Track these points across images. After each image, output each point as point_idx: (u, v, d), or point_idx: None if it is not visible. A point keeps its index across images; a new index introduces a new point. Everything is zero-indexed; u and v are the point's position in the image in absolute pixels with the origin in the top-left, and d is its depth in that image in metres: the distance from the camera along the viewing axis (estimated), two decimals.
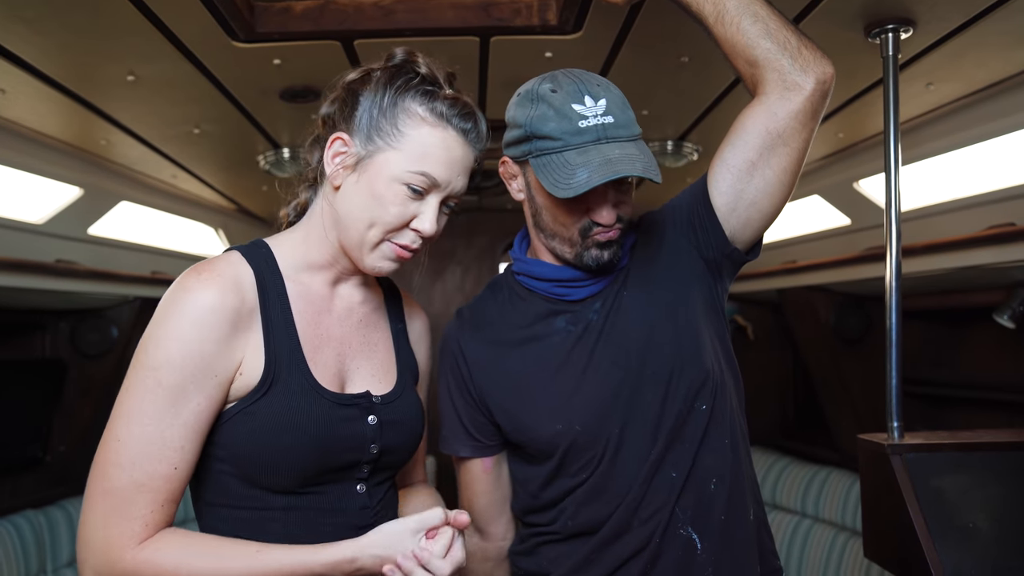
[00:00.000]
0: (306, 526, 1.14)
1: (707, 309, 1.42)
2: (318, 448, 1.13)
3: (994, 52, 1.71)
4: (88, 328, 3.03)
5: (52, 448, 3.03)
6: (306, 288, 1.22)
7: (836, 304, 3.15)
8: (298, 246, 1.23)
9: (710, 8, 1.30)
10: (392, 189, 1.14)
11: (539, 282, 1.43)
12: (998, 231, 2.00)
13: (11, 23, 1.50)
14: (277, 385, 1.12)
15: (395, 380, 1.29)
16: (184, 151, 2.54)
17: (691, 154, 2.66)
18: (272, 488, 1.12)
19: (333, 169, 1.18)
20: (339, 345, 1.23)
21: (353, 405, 1.19)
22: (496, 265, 4.50)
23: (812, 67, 1.27)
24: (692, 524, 1.32)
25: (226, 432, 1.11)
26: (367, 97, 1.17)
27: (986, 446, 1.56)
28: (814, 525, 3.18)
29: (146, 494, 1.03)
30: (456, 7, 1.65)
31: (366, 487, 1.21)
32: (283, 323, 1.15)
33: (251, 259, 1.17)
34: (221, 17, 1.52)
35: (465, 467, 1.52)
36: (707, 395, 1.34)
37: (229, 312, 1.08)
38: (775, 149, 1.30)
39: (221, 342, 1.07)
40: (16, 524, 2.62)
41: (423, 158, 1.14)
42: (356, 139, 1.17)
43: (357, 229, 1.16)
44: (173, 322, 1.06)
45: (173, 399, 1.04)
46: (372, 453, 1.20)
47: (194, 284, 1.08)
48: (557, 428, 1.36)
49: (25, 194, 2.35)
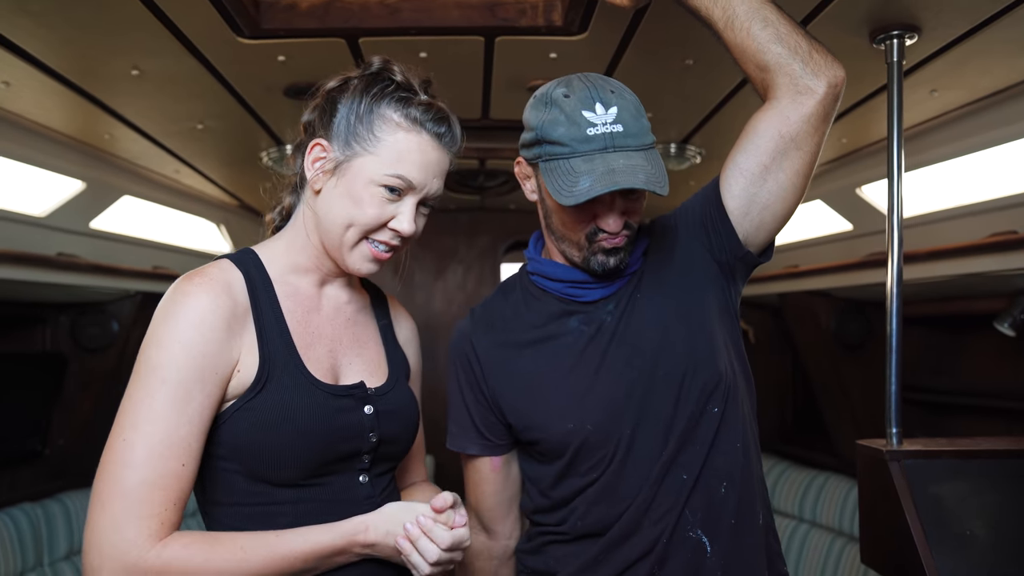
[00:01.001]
0: (313, 518, 1.17)
1: (721, 312, 1.42)
2: (318, 439, 1.16)
3: (998, 60, 1.71)
4: (89, 322, 3.03)
5: (51, 442, 3.03)
6: (294, 289, 1.26)
7: (837, 309, 3.14)
8: (284, 252, 1.28)
9: (719, 13, 1.30)
10: (369, 191, 1.19)
11: (552, 282, 1.44)
12: (1000, 239, 2.00)
13: (16, 16, 1.50)
14: (272, 381, 1.16)
15: (387, 373, 1.34)
16: (187, 146, 2.55)
17: (694, 157, 2.66)
18: (277, 482, 1.15)
19: (313, 174, 1.22)
20: (330, 342, 1.27)
21: (348, 396, 1.23)
22: (498, 264, 4.50)
23: (824, 71, 1.27)
24: (702, 527, 1.32)
25: (227, 430, 1.13)
26: (345, 104, 1.22)
27: (985, 453, 1.56)
28: (812, 530, 3.18)
29: (158, 492, 1.04)
30: (462, 6, 1.66)
31: (368, 477, 1.26)
32: (274, 322, 1.20)
33: (240, 265, 1.21)
34: (226, 13, 1.53)
35: (473, 465, 1.53)
36: (719, 398, 1.35)
37: (224, 313, 1.12)
38: (788, 153, 1.31)
39: (219, 342, 1.11)
40: (14, 517, 2.61)
41: (398, 162, 1.19)
42: (335, 144, 1.22)
43: (336, 230, 1.21)
44: (172, 325, 1.10)
45: (177, 398, 1.06)
46: (371, 442, 1.24)
47: (190, 288, 1.12)
48: (568, 427, 1.36)
49: (28, 187, 2.35)
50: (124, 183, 2.73)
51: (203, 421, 1.10)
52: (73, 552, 2.82)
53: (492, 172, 3.38)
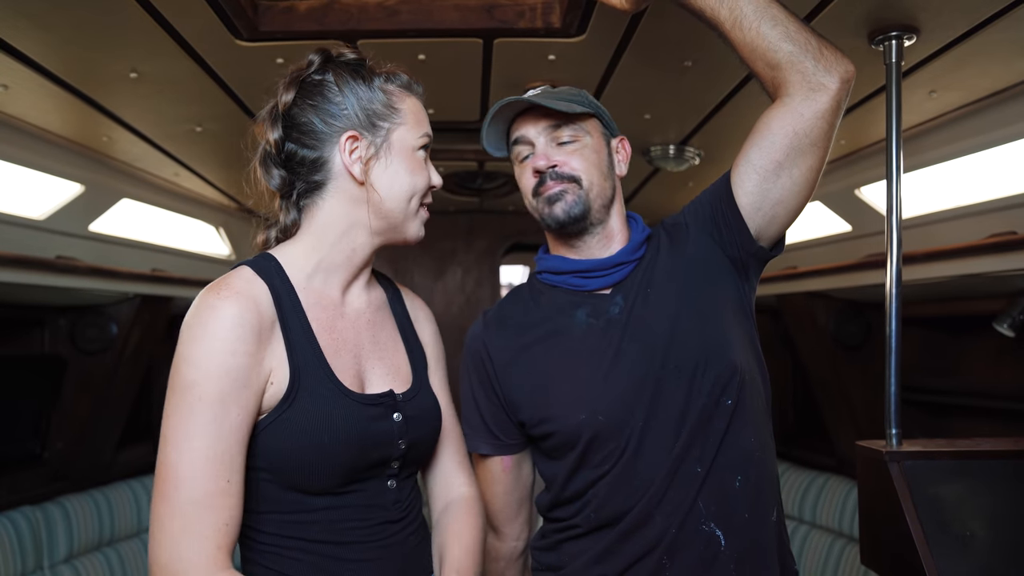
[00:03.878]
0: (344, 525, 1.19)
1: (734, 308, 1.43)
2: (352, 448, 1.18)
3: (997, 61, 1.71)
4: (87, 324, 3.02)
5: (50, 444, 3.03)
6: (318, 296, 1.26)
7: (836, 310, 3.14)
8: (309, 253, 1.27)
9: (726, 13, 1.30)
10: (416, 158, 1.29)
11: (557, 275, 1.48)
12: (999, 240, 2.00)
13: (14, 18, 1.50)
14: (305, 391, 1.16)
15: (411, 377, 1.35)
16: (186, 149, 2.54)
17: (693, 158, 2.66)
18: (312, 490, 1.17)
19: (358, 165, 1.24)
20: (354, 348, 1.28)
21: (379, 404, 1.25)
22: (497, 266, 4.50)
23: (835, 67, 1.28)
24: (715, 520, 1.33)
25: (262, 442, 1.14)
26: (342, 94, 1.24)
27: (984, 454, 1.56)
28: (812, 531, 3.18)
29: (205, 511, 1.05)
30: (460, 9, 1.66)
31: (396, 482, 1.27)
32: (302, 332, 1.20)
33: (263, 274, 1.20)
34: (225, 15, 1.52)
35: (485, 465, 1.54)
36: (733, 390, 1.35)
37: (253, 325, 1.12)
38: (803, 149, 1.32)
39: (249, 354, 1.11)
40: (13, 520, 2.61)
41: (420, 123, 1.31)
42: (362, 132, 1.25)
43: (402, 204, 1.28)
44: (201, 341, 1.09)
45: (214, 414, 1.07)
46: (401, 448, 1.26)
47: (215, 302, 1.11)
48: (580, 418, 1.37)
49: (26, 190, 2.35)
50: (123, 186, 2.73)
51: (242, 435, 1.10)
52: (72, 555, 2.82)
53: (491, 174, 3.38)
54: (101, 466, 3.20)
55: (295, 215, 1.30)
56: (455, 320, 4.29)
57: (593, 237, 1.45)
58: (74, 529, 2.83)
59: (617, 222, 1.48)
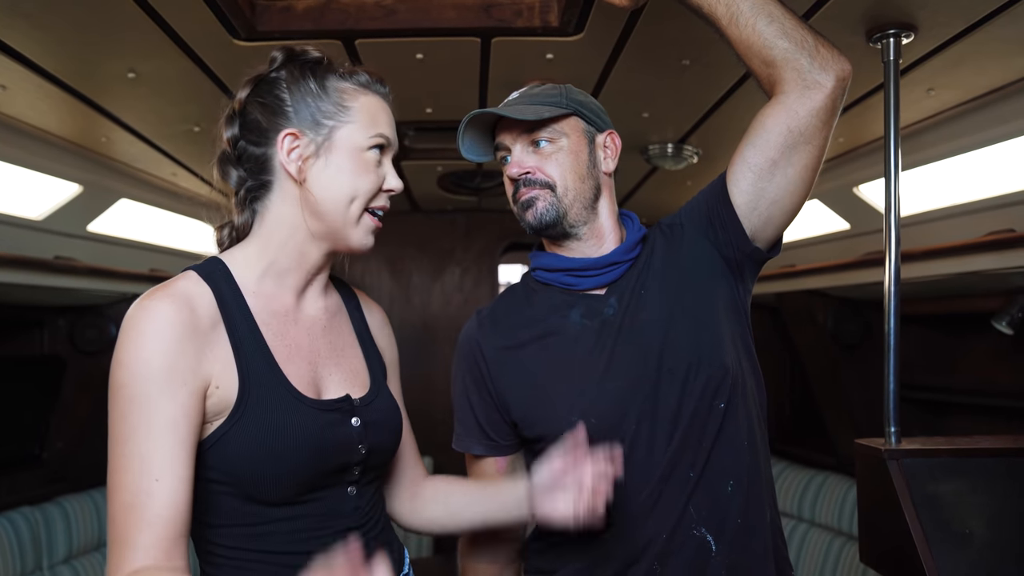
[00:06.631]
0: (305, 533, 1.16)
1: (728, 309, 1.42)
2: (310, 456, 1.14)
3: (995, 58, 1.71)
4: (86, 325, 3.03)
5: (49, 445, 3.03)
6: (268, 301, 1.22)
7: (834, 309, 3.14)
8: (258, 256, 1.24)
9: (723, 10, 1.30)
10: (361, 159, 1.21)
11: (550, 273, 1.47)
12: (997, 237, 2.00)
13: (11, 18, 1.49)
14: (257, 399, 1.12)
15: (368, 382, 1.32)
16: (184, 149, 2.54)
17: (691, 157, 2.66)
18: (271, 501, 1.13)
19: (295, 164, 1.20)
20: (309, 354, 1.24)
21: (336, 410, 1.21)
22: (495, 266, 4.50)
23: (831, 65, 1.27)
24: (707, 525, 1.32)
25: (216, 453, 1.11)
26: (290, 92, 1.22)
27: (983, 452, 1.56)
28: (811, 529, 3.19)
29: (133, 513, 1.01)
30: (458, 7, 1.65)
31: (356, 488, 1.24)
32: (251, 337, 1.16)
33: (208, 278, 1.17)
34: (222, 15, 1.52)
35: (478, 466, 1.52)
36: (724, 392, 1.34)
37: (186, 324, 1.08)
38: (797, 147, 1.32)
39: (182, 354, 1.07)
40: (12, 521, 2.61)
41: (375, 123, 1.23)
42: (303, 130, 1.20)
43: (339, 208, 1.21)
44: (132, 342, 1.06)
45: (143, 412, 1.03)
46: (361, 454, 1.22)
47: (148, 303, 1.09)
48: (573, 420, 1.35)
49: (24, 190, 2.35)
50: (121, 186, 2.73)
51: (177, 434, 1.05)
52: (72, 555, 2.82)
53: (489, 173, 3.38)
54: (100, 466, 3.17)
55: (248, 216, 1.27)
56: (453, 320, 4.29)
57: (579, 238, 1.43)
58: (73, 530, 2.82)
59: (607, 220, 1.45)
